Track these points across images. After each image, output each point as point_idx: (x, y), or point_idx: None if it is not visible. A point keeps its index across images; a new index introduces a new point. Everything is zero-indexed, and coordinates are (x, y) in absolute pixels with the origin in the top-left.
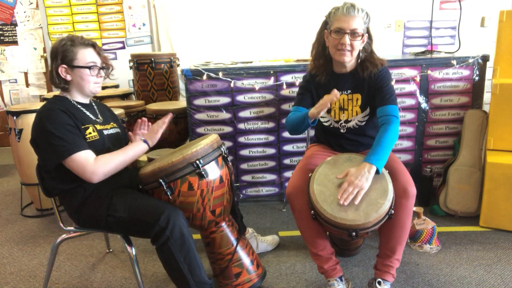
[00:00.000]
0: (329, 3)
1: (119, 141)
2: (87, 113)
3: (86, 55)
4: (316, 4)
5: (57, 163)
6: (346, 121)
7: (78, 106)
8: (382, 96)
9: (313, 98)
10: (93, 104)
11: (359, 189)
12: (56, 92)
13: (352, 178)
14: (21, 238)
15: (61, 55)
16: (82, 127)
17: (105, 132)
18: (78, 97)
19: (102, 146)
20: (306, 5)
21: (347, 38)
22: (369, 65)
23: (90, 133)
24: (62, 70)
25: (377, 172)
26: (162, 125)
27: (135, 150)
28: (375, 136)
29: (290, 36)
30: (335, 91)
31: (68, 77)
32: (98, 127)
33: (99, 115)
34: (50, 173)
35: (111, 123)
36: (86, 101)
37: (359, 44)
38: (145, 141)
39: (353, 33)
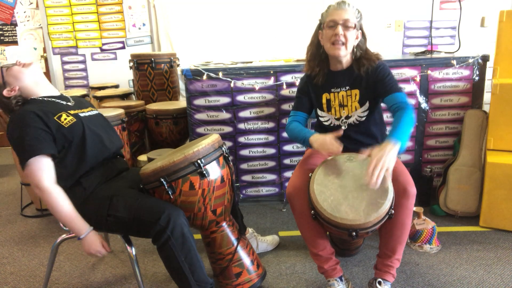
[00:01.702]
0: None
1: (102, 122)
2: (58, 101)
3: (3, 68)
4: (316, 4)
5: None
6: (347, 117)
7: (48, 99)
8: (386, 86)
9: (311, 100)
10: (66, 95)
11: (387, 166)
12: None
13: (380, 153)
14: (21, 238)
15: None
16: (54, 117)
17: (82, 114)
18: (42, 91)
19: (83, 128)
20: (306, 6)
21: (340, 29)
22: (365, 62)
23: (65, 118)
24: (8, 92)
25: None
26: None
27: (72, 224)
28: (376, 134)
29: (290, 36)
30: (339, 140)
31: (16, 88)
32: (72, 111)
33: (70, 100)
34: None
35: (89, 108)
36: (55, 93)
37: (353, 38)
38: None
39: (346, 25)
